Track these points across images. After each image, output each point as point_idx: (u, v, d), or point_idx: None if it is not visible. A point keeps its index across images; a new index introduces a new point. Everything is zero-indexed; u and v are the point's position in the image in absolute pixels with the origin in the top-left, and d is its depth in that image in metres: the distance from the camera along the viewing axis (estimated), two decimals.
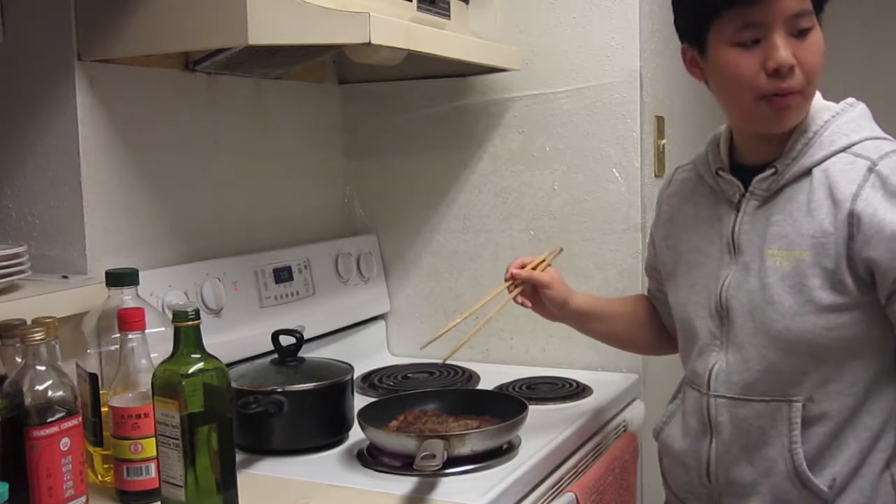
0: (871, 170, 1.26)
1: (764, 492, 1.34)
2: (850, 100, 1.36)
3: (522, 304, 1.57)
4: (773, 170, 1.33)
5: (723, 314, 1.36)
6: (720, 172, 1.40)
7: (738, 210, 1.37)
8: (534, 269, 1.55)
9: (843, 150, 1.29)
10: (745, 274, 1.34)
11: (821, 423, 1.30)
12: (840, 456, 1.30)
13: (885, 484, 1.31)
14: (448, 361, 1.96)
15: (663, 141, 2.02)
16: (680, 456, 1.44)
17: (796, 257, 1.29)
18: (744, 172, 1.37)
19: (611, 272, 1.94)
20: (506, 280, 1.56)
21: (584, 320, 1.61)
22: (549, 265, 1.58)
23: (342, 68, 2.13)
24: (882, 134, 1.32)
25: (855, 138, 1.30)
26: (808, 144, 1.31)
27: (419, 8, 1.66)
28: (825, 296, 1.26)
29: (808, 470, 1.29)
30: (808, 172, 1.31)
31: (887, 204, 1.23)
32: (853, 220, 1.24)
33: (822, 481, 1.29)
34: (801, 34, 1.26)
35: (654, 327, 1.62)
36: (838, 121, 1.32)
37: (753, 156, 1.37)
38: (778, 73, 1.26)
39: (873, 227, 1.23)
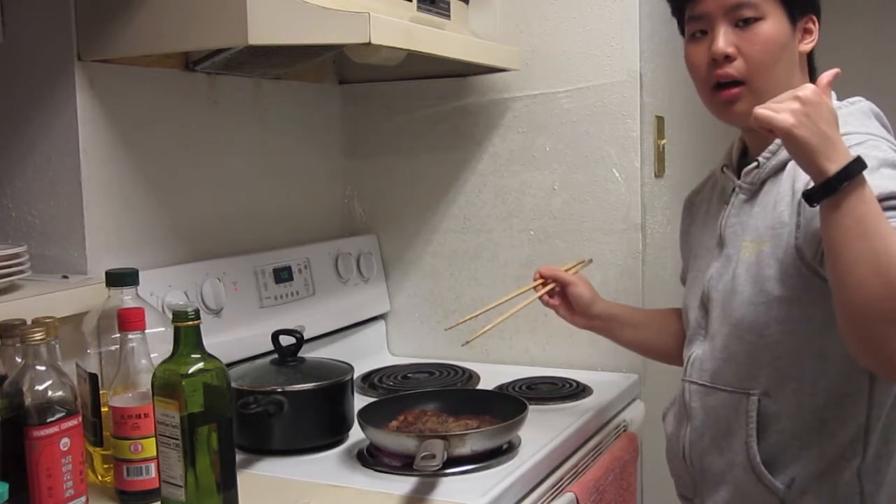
0: None
1: (729, 481, 1.36)
2: (854, 98, 1.35)
3: (547, 304, 1.60)
4: (755, 163, 1.34)
5: (707, 304, 1.39)
6: (724, 169, 1.43)
7: (727, 204, 1.39)
8: None
9: None
10: (725, 265, 1.36)
11: (778, 421, 1.30)
12: (803, 456, 1.29)
13: (852, 496, 1.29)
14: (448, 361, 1.98)
15: (663, 141, 2.02)
16: (670, 439, 1.49)
17: (759, 248, 1.30)
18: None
19: (611, 272, 1.94)
20: (534, 280, 1.61)
21: (614, 325, 1.62)
22: (576, 273, 1.63)
23: (342, 68, 2.13)
24: (875, 131, 1.29)
25: None
26: None
27: (419, 8, 1.65)
28: (777, 287, 1.26)
29: (761, 464, 1.30)
30: (785, 165, 1.31)
31: None
32: (800, 210, 1.23)
33: (779, 479, 1.30)
34: (745, 24, 1.28)
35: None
36: None
37: (754, 151, 1.38)
38: (716, 61, 1.30)
39: (807, 217, 1.21)
